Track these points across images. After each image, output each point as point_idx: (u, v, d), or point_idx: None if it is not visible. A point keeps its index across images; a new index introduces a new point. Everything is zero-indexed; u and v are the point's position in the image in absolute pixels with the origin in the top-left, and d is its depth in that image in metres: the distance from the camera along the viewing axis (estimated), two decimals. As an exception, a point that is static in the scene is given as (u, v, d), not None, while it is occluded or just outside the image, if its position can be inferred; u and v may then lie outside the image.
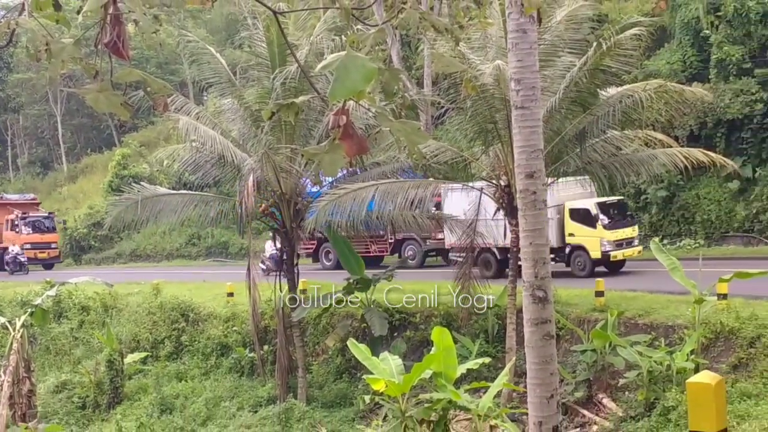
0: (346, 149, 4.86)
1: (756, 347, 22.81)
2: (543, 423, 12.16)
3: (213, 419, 29.79)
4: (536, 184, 12.50)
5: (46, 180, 79.65)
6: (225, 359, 33.26)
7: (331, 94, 4.66)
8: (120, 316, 37.70)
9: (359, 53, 4.94)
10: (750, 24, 41.60)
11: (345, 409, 27.92)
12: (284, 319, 30.12)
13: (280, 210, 30.12)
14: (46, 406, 30.39)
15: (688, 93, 28.00)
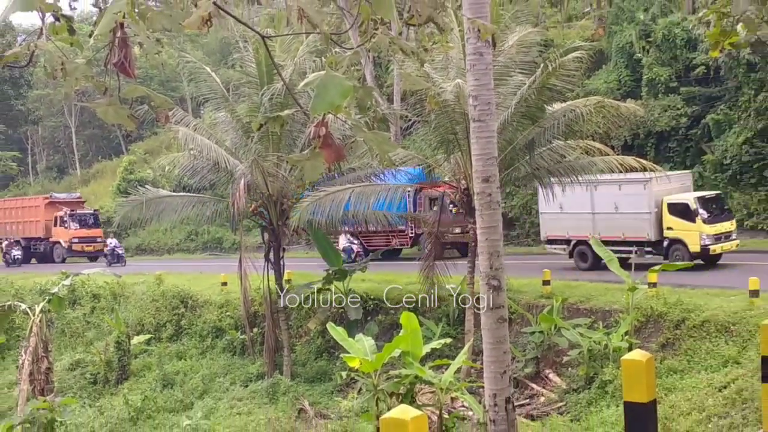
0: (326, 156, 4.85)
1: (681, 329, 22.97)
2: (497, 395, 12.19)
3: (209, 393, 29.75)
4: (491, 187, 12.53)
5: (62, 183, 79.31)
6: (219, 340, 33.25)
7: (313, 109, 4.65)
8: (127, 303, 37.61)
9: (337, 73, 4.93)
10: (676, 48, 41.90)
11: (324, 383, 27.94)
12: (271, 305, 30.16)
13: (268, 210, 30.17)
14: (62, 382, 30.24)
15: (623, 108, 28.13)
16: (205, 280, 37.52)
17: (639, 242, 32.74)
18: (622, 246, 32.88)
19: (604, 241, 30.87)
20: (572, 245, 34.62)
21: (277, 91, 27.73)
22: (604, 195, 33.94)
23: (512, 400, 12.82)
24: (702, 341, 22.31)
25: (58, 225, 55.73)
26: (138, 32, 4.10)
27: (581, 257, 34.59)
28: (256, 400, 27.81)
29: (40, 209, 56.91)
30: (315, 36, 5.40)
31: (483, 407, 16.73)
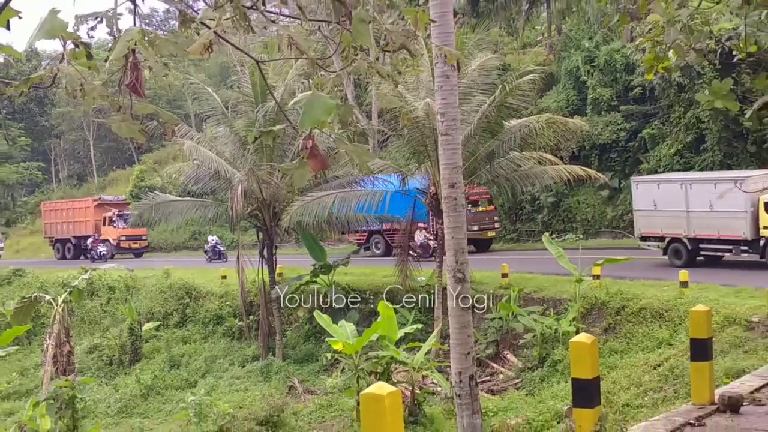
0: (312, 166, 4.85)
1: (621, 315, 23.09)
2: (462, 373, 12.20)
3: (210, 372, 29.74)
4: (457, 192, 12.55)
5: (81, 190, 78.89)
6: (219, 327, 33.22)
7: (301, 124, 4.64)
8: (138, 294, 37.48)
9: (322, 93, 4.92)
10: (616, 72, 42.06)
11: (312, 364, 27.94)
12: (265, 295, 30.16)
13: (262, 212, 30.19)
14: (81, 364, 30.10)
15: (570, 124, 28.27)
16: (207, 275, 37.43)
17: (735, 241, 30.21)
18: (717, 244, 30.86)
19: (699, 239, 30.11)
20: (666, 243, 32.28)
21: (270, 108, 27.80)
22: (698, 193, 31.48)
23: (475, 377, 12.84)
24: (639, 326, 22.43)
25: (106, 224, 54.82)
26: (147, 57, 4.09)
27: (675, 254, 32.08)
28: (252, 379, 27.83)
29: (90, 210, 55.96)
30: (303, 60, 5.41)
31: (450, 384, 16.76)
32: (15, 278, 45.38)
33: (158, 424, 25.04)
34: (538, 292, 26.46)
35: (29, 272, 46.31)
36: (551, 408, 19.65)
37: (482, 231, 40.08)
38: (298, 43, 4.77)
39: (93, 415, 25.50)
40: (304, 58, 4.84)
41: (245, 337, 31.60)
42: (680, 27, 7.73)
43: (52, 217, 58.30)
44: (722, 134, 37.97)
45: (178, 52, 4.43)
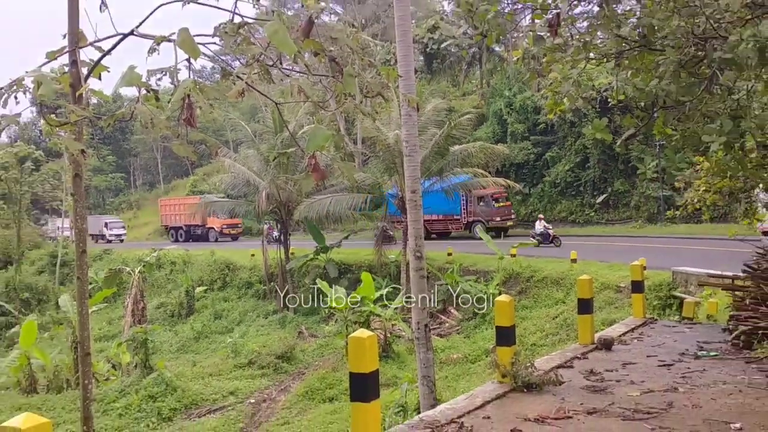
0: (315, 177, 4.86)
1: (530, 282, 23.23)
2: (419, 322, 12.21)
3: (243, 322, 29.70)
4: (416, 196, 12.53)
5: (152, 194, 78.77)
6: (250, 290, 33.14)
7: (307, 148, 4.63)
8: (192, 267, 37.31)
9: (322, 126, 4.92)
10: (528, 112, 42.25)
11: (315, 316, 27.89)
12: (282, 267, 30.13)
13: (280, 210, 30.17)
14: (151, 316, 29.94)
15: (496, 149, 28.43)
16: (241, 253, 37.27)
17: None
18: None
19: None
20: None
21: (285, 137, 27.80)
22: None
23: (429, 325, 12.84)
24: (543, 289, 22.57)
25: (211, 215, 50.33)
26: (198, 100, 4.08)
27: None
28: (272, 326, 27.85)
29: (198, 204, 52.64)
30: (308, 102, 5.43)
31: (411, 330, 16.77)
32: (105, 255, 44.99)
33: (206, 358, 24.96)
34: (473, 266, 26.55)
35: (114, 251, 45.98)
36: (481, 347, 19.79)
37: (503, 221, 37.51)
38: (304, 91, 4.77)
39: (160, 352, 25.39)
40: (309, 101, 4.83)
41: (268, 297, 31.56)
42: (572, 81, 7.76)
43: (167, 210, 54.94)
44: (601, 157, 38.33)
45: (220, 96, 4.43)
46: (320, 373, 20.27)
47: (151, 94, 4.24)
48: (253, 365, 22.09)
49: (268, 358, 22.09)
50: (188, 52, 3.99)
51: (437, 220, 38.23)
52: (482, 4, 7.04)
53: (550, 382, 7.18)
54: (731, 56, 6.57)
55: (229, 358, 23.28)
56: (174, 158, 76.37)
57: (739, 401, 6.52)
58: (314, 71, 4.88)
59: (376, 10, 56.36)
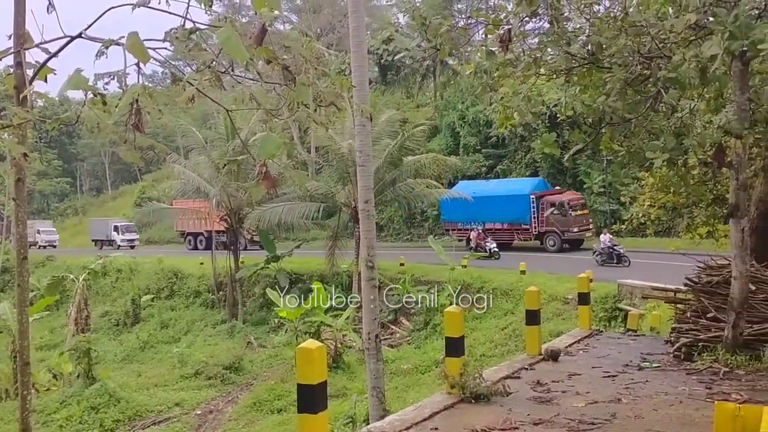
0: (265, 185, 4.81)
1: (481, 292, 23.40)
2: (370, 333, 12.19)
3: (190, 332, 29.30)
4: (369, 206, 12.53)
5: (98, 200, 77.21)
6: (198, 299, 32.79)
7: (258, 156, 4.61)
8: (139, 274, 36.60)
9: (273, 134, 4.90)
10: (480, 126, 42.70)
11: (264, 326, 27.70)
12: (231, 276, 29.79)
13: (230, 217, 29.89)
14: (95, 325, 29.37)
15: (449, 161, 28.71)
16: (190, 261, 36.70)
17: None
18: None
19: None
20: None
21: (237, 144, 27.56)
22: None
23: (379, 336, 12.83)
24: (492, 300, 22.79)
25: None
26: (147, 105, 4.05)
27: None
28: (220, 336, 27.52)
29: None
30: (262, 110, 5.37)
31: (362, 340, 16.74)
32: (48, 262, 43.86)
33: (152, 368, 24.48)
34: (425, 276, 26.66)
35: (58, 258, 44.85)
36: (432, 357, 19.86)
37: (580, 232, 32.40)
38: (256, 98, 4.74)
39: (103, 362, 24.77)
40: (261, 109, 4.80)
41: (216, 306, 31.27)
42: (522, 97, 7.90)
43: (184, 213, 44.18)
44: (550, 170, 38.94)
45: (170, 101, 4.37)
46: (269, 384, 20.06)
47: (98, 98, 4.16)
48: (200, 376, 21.77)
49: (216, 369, 21.81)
50: (137, 56, 3.93)
51: (501, 230, 34.10)
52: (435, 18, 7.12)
53: (498, 392, 7.24)
54: (675, 75, 6.78)
55: (176, 368, 22.89)
56: (122, 163, 75.02)
57: (679, 412, 6.68)
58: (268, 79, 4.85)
59: (332, 20, 56.48)
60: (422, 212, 43.56)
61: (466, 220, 32.10)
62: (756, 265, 9.35)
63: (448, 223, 31.49)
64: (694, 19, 6.85)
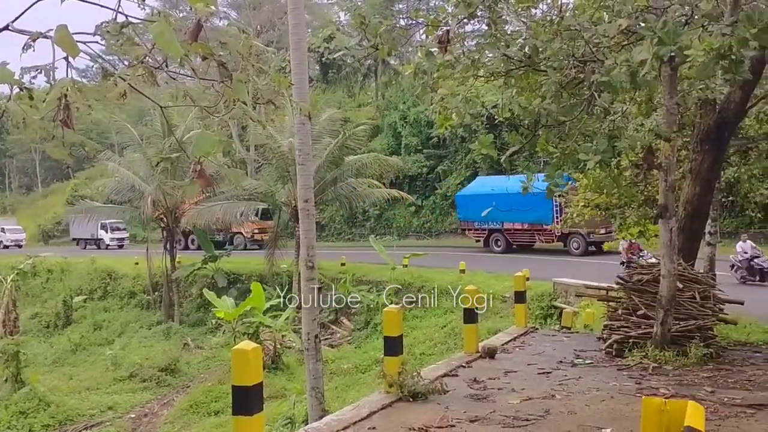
0: (200, 184, 4.73)
1: (421, 292, 23.52)
2: (310, 333, 12.12)
3: (125, 333, 28.58)
4: (309, 206, 12.45)
5: (28, 198, 74.63)
6: (133, 300, 31.99)
7: (193, 153, 4.54)
8: (71, 275, 35.49)
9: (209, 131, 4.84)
10: (421, 126, 43.04)
11: (202, 327, 27.25)
12: (167, 277, 29.22)
13: (166, 216, 29.31)
14: (25, 327, 28.30)
15: (390, 161, 28.82)
16: (124, 261, 35.79)
17: None
18: None
19: None
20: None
21: (173, 141, 27.10)
22: None
23: (319, 336, 12.76)
24: (433, 299, 22.95)
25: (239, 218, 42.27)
26: (76, 100, 3.93)
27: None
28: (156, 338, 26.98)
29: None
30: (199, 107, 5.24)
31: (301, 341, 16.64)
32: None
33: (84, 371, 23.77)
34: (366, 276, 26.66)
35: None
36: (372, 356, 19.86)
37: (608, 233, 28.08)
38: (191, 95, 4.67)
39: (33, 365, 23.86)
40: (195, 105, 4.73)
41: (152, 307, 30.61)
42: (460, 98, 7.99)
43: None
44: (489, 171, 39.49)
45: (100, 97, 4.26)
46: (206, 386, 19.73)
47: (25, 92, 4.03)
48: (135, 378, 21.29)
49: (151, 371, 21.37)
50: (66, 50, 3.81)
51: (521, 230, 31.59)
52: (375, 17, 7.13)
53: (436, 391, 7.31)
54: (607, 79, 6.97)
55: (109, 371, 22.32)
56: (53, 161, 72.51)
57: (610, 407, 6.87)
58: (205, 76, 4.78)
59: (272, 17, 55.98)
60: (364, 212, 43.63)
61: (484, 219, 29.98)
62: (683, 264, 9.71)
63: (465, 223, 29.70)
64: (626, 25, 7.06)
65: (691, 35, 6.50)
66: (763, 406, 6.74)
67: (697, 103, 10.88)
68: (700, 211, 10.88)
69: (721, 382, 7.87)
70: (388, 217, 44.17)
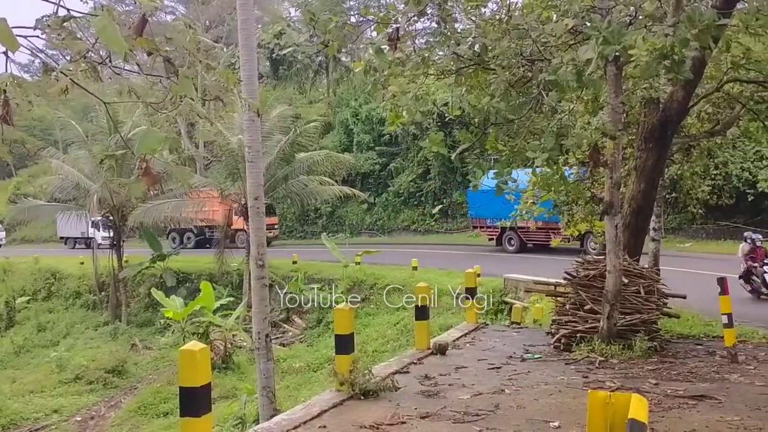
0: (146, 181, 4.65)
1: (374, 289, 23.58)
2: (260, 332, 12.03)
3: (70, 335, 27.89)
4: (259, 203, 12.36)
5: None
6: (78, 300, 31.20)
7: (138, 150, 4.46)
8: (13, 275, 34.41)
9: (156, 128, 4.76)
10: (373, 123, 42.99)
11: (150, 327, 26.79)
12: (114, 276, 28.62)
13: (113, 215, 28.69)
14: (-36, 330, 27.50)
15: (342, 158, 28.81)
16: (69, 260, 34.89)
17: None
18: None
19: None
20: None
21: (119, 139, 26.53)
22: None
23: (270, 335, 12.67)
24: (385, 296, 23.00)
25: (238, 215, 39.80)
26: (16, 96, 3.81)
27: None
28: (102, 339, 26.43)
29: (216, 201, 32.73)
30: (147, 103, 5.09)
31: (252, 340, 16.50)
32: None
33: (28, 374, 23.10)
34: (318, 273, 26.53)
35: None
36: (324, 355, 19.81)
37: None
38: (135, 91, 4.58)
39: (-27, 369, 23.25)
40: (139, 102, 4.64)
41: (98, 308, 29.93)
42: (411, 96, 8.02)
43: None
44: (441, 168, 39.81)
45: (41, 93, 4.14)
46: (154, 387, 19.44)
47: (-40, 87, 3.89)
48: (81, 380, 20.83)
49: (98, 373, 20.96)
50: (5, 44, 3.69)
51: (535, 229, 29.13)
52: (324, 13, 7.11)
53: (387, 388, 7.34)
54: (555, 78, 7.08)
55: (54, 373, 21.77)
56: (-6, 157, 70.36)
57: (558, 401, 7.00)
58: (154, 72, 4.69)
59: (221, 12, 55.20)
60: (316, 209, 43.42)
61: (496, 216, 27.95)
62: (628, 259, 9.94)
63: (476, 220, 27.92)
64: (572, 24, 7.19)
65: (634, 35, 6.64)
66: (705, 397, 6.96)
67: (641, 102, 11.16)
68: (644, 208, 11.15)
69: (664, 374, 8.10)
70: (340, 214, 44.04)
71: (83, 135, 30.20)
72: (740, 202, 27.55)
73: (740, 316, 10.76)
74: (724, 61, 10.92)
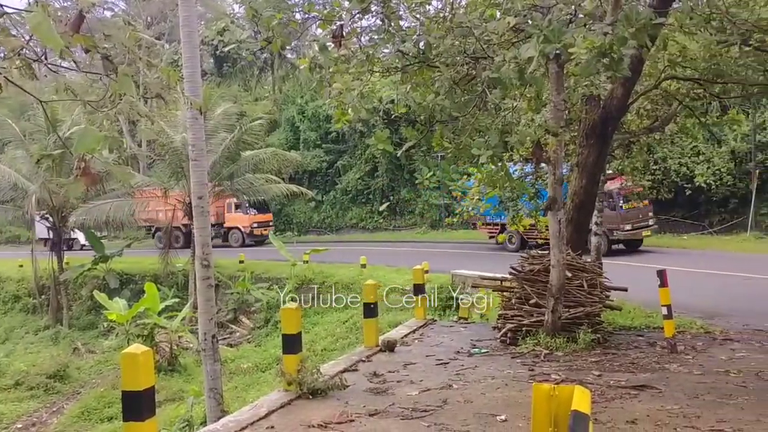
0: (85, 181, 4.54)
1: (322, 287, 23.43)
2: (207, 333, 11.87)
3: (9, 340, 26.96)
4: (203, 202, 12.18)
5: None
6: (17, 304, 30.16)
7: (75, 150, 4.34)
8: (-55, 279, 33.09)
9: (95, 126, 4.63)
10: (320, 121, 42.78)
11: (93, 330, 26.07)
12: (55, 279, 27.81)
13: (53, 216, 27.88)
14: None
15: (289, 156, 28.64)
16: (7, 264, 33.72)
17: None
18: None
19: None
20: None
21: (57, 138, 25.81)
22: None
23: (217, 336, 12.50)
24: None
25: (233, 211, 36.88)
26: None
27: None
28: (43, 344, 25.62)
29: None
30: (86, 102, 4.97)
31: (198, 341, 16.26)
32: None
33: (-38, 383, 22.28)
34: (266, 273, 26.29)
35: None
36: (273, 355, 19.67)
37: (635, 230, 24.88)
38: (73, 89, 4.46)
39: None
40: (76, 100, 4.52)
41: (38, 311, 28.98)
42: (356, 93, 8.01)
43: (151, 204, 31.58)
44: (388, 166, 39.92)
45: (-28, 91, 4.00)
46: (98, 392, 18.97)
47: None
48: (21, 386, 20.18)
49: (38, 378, 20.34)
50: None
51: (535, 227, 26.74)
52: (267, 10, 7.04)
53: (335, 386, 7.33)
54: (498, 76, 7.18)
55: (-9, 380, 21.03)
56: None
57: (505, 394, 7.11)
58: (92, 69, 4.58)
59: (163, 8, 54.13)
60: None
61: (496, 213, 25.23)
62: (572, 254, 10.15)
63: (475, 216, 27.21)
64: (514, 22, 7.29)
65: (574, 34, 6.77)
66: (646, 387, 7.17)
67: (582, 99, 11.41)
68: (586, 203, 11.41)
69: (607, 365, 8.30)
70: (287, 212, 43.73)
71: (20, 134, 29.21)
72: (678, 196, 28.41)
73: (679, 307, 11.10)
74: (662, 59, 11.26)
